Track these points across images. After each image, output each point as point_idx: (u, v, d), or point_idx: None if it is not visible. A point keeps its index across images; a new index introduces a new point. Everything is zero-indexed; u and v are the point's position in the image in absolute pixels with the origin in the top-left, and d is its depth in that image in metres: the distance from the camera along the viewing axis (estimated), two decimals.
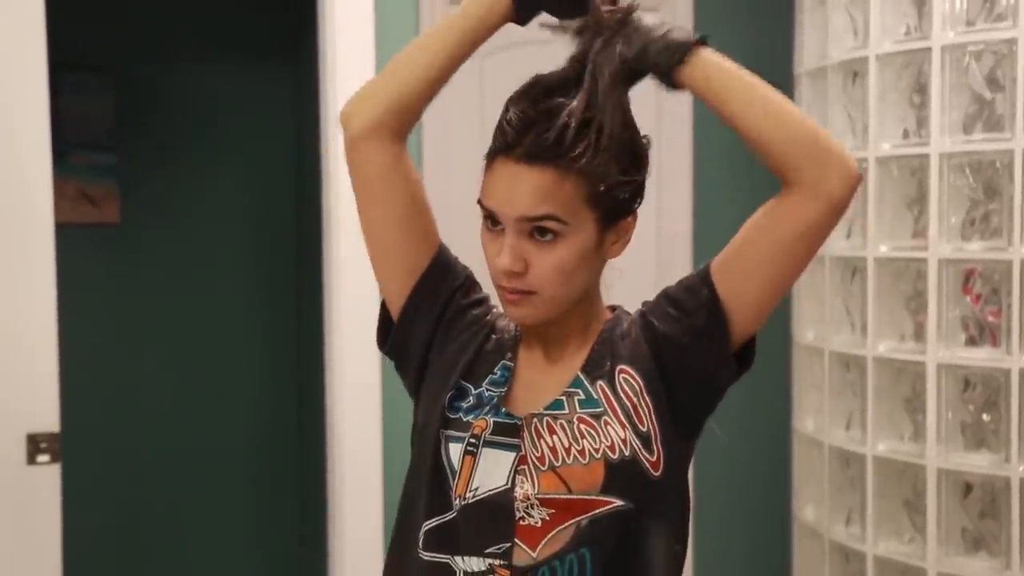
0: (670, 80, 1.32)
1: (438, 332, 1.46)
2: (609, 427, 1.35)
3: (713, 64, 1.32)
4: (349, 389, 2.89)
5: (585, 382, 1.39)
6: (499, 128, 1.35)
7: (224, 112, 4.08)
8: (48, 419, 2.46)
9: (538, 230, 1.33)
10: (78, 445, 3.02)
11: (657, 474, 1.35)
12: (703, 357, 1.36)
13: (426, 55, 1.39)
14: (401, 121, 1.41)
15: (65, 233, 2.71)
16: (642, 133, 1.40)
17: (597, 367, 1.39)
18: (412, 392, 1.51)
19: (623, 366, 1.38)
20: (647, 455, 1.35)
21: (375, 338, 1.52)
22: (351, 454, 2.91)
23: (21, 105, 2.45)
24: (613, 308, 1.48)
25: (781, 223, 1.33)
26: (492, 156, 1.36)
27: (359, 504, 2.91)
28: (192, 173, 4.06)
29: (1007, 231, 2.35)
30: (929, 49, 2.43)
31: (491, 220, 1.36)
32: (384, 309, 1.50)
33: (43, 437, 2.45)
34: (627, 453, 1.34)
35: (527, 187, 1.32)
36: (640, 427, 1.35)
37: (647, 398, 1.36)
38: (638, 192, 1.39)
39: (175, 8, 4.00)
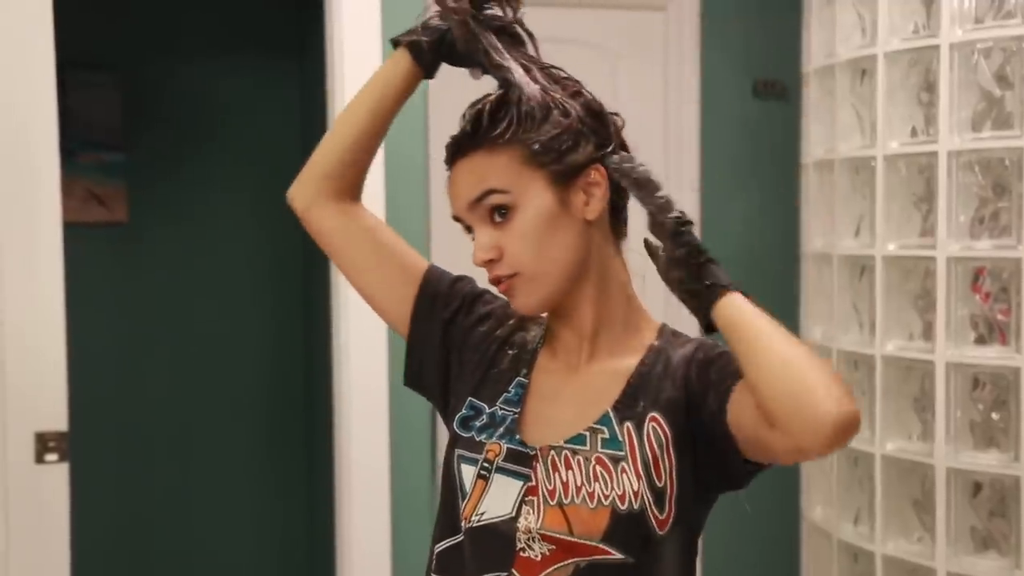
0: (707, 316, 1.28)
1: (451, 357, 1.47)
2: (625, 475, 1.32)
3: (738, 313, 1.25)
4: (356, 386, 2.90)
5: (614, 421, 1.35)
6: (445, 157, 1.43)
7: (232, 110, 4.08)
8: (56, 418, 2.46)
9: (495, 212, 1.36)
10: (86, 444, 3.02)
11: (662, 532, 1.32)
12: (724, 447, 1.30)
13: (345, 123, 1.48)
14: (338, 185, 1.49)
15: (73, 232, 2.71)
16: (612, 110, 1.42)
17: (629, 407, 1.35)
18: (445, 420, 1.51)
19: (655, 414, 1.34)
20: (656, 512, 1.31)
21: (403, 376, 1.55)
22: (358, 454, 2.91)
23: (29, 103, 2.45)
24: (662, 329, 1.42)
25: (753, 427, 1.25)
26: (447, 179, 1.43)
27: (366, 502, 2.91)
28: (200, 171, 4.06)
29: (1016, 229, 2.34)
30: (937, 47, 2.43)
31: (465, 230, 1.41)
32: None
33: (51, 436, 2.45)
34: (636, 506, 1.30)
35: (463, 178, 1.38)
36: (656, 482, 1.31)
37: (671, 453, 1.32)
38: (586, 141, 1.36)
39: (183, 5, 4.00)
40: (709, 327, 1.28)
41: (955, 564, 2.42)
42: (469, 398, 1.43)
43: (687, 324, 1.37)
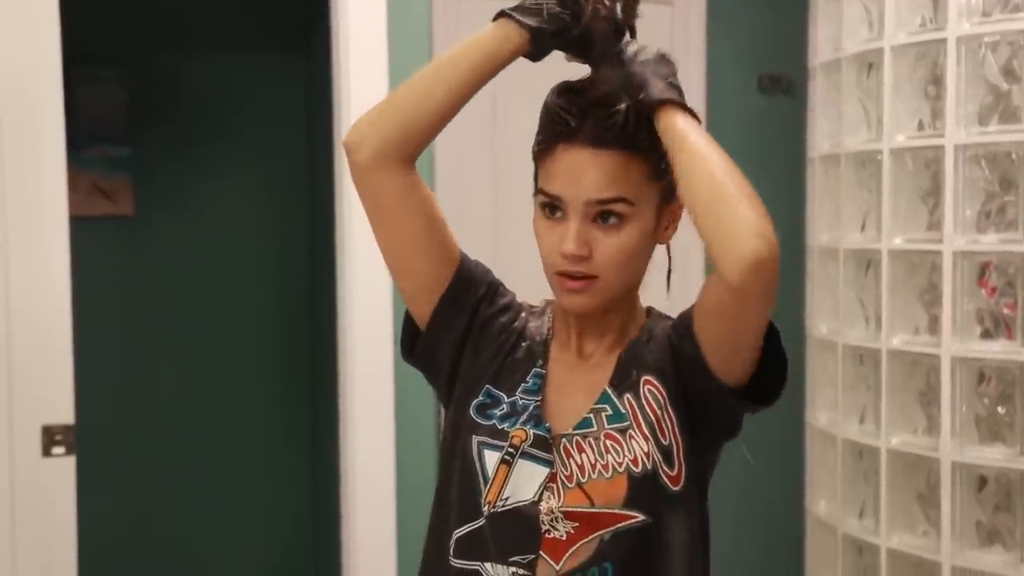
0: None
1: (467, 343, 1.47)
2: (633, 440, 1.36)
3: (675, 123, 1.30)
4: (361, 376, 2.90)
5: (613, 397, 1.39)
6: (554, 117, 1.35)
7: (238, 104, 4.08)
8: (63, 411, 2.47)
9: (603, 214, 1.35)
10: (93, 437, 3.03)
11: (676, 488, 1.36)
12: (702, 377, 1.34)
13: (434, 86, 1.38)
14: (409, 151, 1.40)
15: (79, 225, 2.72)
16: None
17: (624, 379, 1.40)
18: (443, 402, 1.51)
19: (648, 376, 1.38)
20: (667, 469, 1.35)
21: (400, 348, 1.52)
22: (363, 443, 2.92)
23: (36, 98, 2.45)
24: (649, 311, 1.48)
25: (704, 295, 1.32)
26: (551, 144, 1.36)
27: (371, 491, 2.92)
28: (206, 165, 4.07)
29: (1023, 223, 2.34)
30: (944, 40, 2.42)
31: (550, 208, 1.37)
32: (409, 320, 1.50)
33: (58, 429, 2.46)
34: (648, 467, 1.35)
35: (595, 170, 1.33)
36: (662, 440, 1.36)
37: (671, 411, 1.37)
38: None
39: (189, 2, 4.00)
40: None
41: (960, 558, 2.42)
42: (487, 386, 1.45)
43: None
